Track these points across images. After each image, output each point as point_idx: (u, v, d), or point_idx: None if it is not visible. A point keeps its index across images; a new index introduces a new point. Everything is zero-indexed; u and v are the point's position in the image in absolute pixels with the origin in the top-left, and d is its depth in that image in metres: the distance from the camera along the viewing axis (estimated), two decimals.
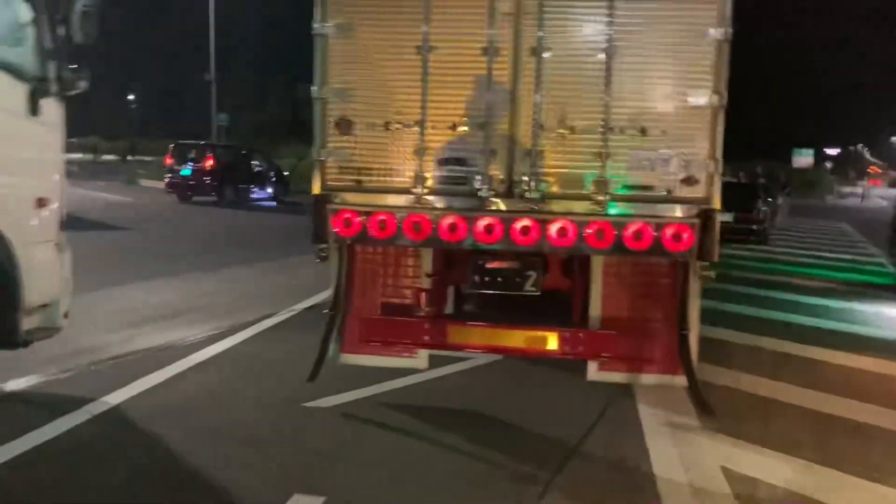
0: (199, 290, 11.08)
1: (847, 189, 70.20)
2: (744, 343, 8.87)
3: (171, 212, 24.82)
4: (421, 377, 6.75)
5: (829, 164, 77.24)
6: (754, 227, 20.68)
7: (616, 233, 5.66)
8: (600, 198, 5.73)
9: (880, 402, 6.81)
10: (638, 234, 5.64)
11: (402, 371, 6.59)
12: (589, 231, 5.67)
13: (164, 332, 8.53)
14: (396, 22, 5.88)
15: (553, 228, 5.69)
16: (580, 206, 5.79)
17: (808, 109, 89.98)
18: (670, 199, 5.75)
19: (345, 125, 6.04)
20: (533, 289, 6.13)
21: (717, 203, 5.72)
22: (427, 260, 6.46)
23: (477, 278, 6.17)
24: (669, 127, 5.71)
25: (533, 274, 6.13)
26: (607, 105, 5.68)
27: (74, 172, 49.98)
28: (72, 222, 6.55)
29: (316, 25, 5.93)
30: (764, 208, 21.10)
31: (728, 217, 20.78)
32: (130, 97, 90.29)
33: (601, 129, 5.71)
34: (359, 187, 6.04)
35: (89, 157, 67.74)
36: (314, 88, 6.01)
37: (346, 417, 6.00)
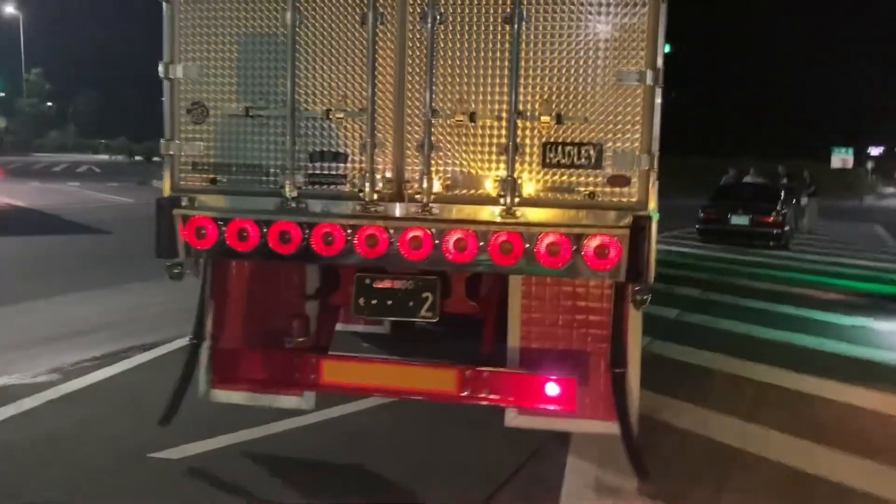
0: (131, 304, 10.03)
1: (890, 189, 67.40)
2: (728, 371, 7.56)
3: None
4: (309, 419, 5.60)
5: (870, 164, 74.51)
6: (774, 231, 19.16)
7: (526, 246, 4.46)
8: (507, 201, 4.53)
9: (883, 456, 5.47)
10: (553, 249, 4.43)
11: (288, 411, 5.43)
12: (493, 243, 4.48)
13: (58, 354, 7.46)
14: None
15: (450, 240, 4.51)
16: (484, 212, 4.60)
17: (849, 106, 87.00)
18: (594, 204, 4.52)
19: (198, 112, 4.92)
20: (429, 314, 4.94)
21: (653, 208, 4.49)
22: (307, 277, 5.32)
23: (362, 301, 5.00)
24: (593, 112, 4.49)
25: (429, 296, 4.94)
26: (516, 85, 4.48)
27: (92, 173, 50.48)
28: (48, 223, 5.54)
29: None
30: (784, 211, 19.55)
31: (744, 220, 19.40)
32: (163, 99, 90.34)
33: (508, 116, 4.52)
34: (216, 188, 4.92)
35: (121, 158, 67.72)
36: (161, 66, 4.90)
37: (192, 474, 4.86)
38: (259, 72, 4.78)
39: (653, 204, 4.48)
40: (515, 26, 4.44)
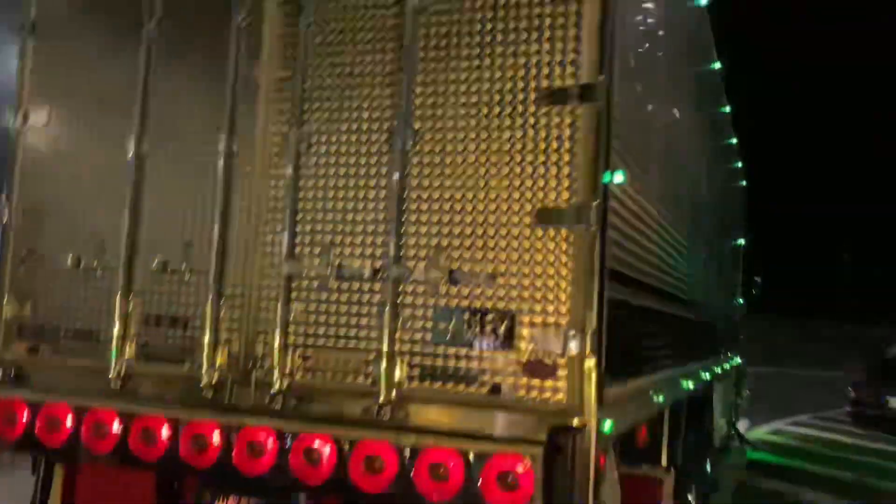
0: None
1: None
2: None
3: None
4: None
5: None
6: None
7: (400, 464, 2.98)
8: (381, 395, 3.10)
9: None
10: (438, 471, 2.92)
11: None
12: (355, 457, 3.03)
13: None
14: (97, 114, 3.77)
15: (300, 449, 3.12)
16: (350, 408, 3.18)
17: None
18: (502, 404, 3.00)
19: (30, 261, 3.88)
20: None
21: (590, 415, 2.90)
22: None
23: None
24: (503, 267, 3.06)
25: None
26: (398, 227, 3.17)
27: None
28: None
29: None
30: None
31: None
32: None
33: (386, 270, 3.17)
34: (35, 360, 3.78)
35: None
36: None
37: None
38: (95, 210, 3.72)
39: (591, 406, 2.90)
40: (400, 148, 3.18)
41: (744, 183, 11.58)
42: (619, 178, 3.07)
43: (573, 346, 2.89)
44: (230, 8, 3.51)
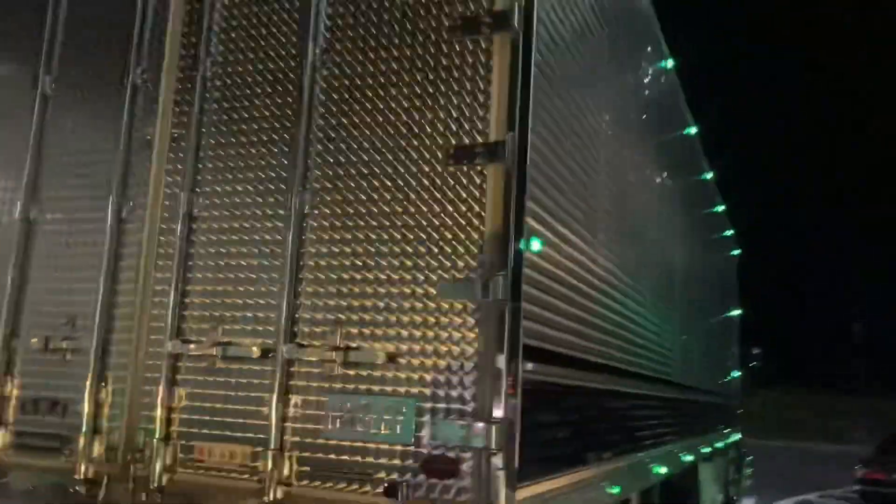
0: None
1: None
2: None
3: None
4: None
5: None
6: None
7: None
8: (269, 498, 2.70)
9: None
10: None
11: None
12: None
13: None
14: None
15: None
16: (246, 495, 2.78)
17: None
18: None
19: None
20: None
21: None
22: None
23: None
24: (405, 342, 2.69)
25: None
26: (290, 296, 2.82)
27: None
28: None
29: None
30: None
31: None
32: None
33: (277, 349, 2.81)
34: None
35: None
36: None
37: None
38: None
39: None
40: (297, 209, 2.86)
41: (737, 252, 11.20)
42: (535, 245, 2.72)
43: (477, 439, 2.49)
44: (126, 63, 3.25)
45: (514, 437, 2.52)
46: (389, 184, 2.77)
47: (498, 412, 2.50)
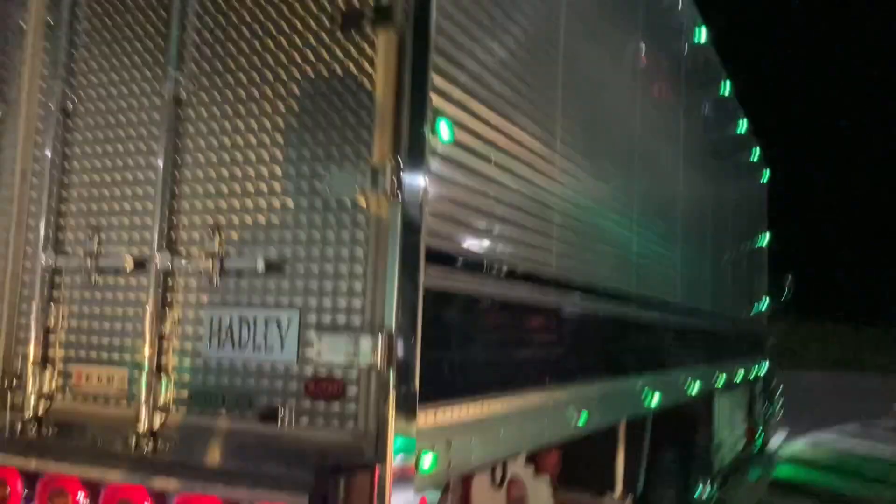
0: None
1: None
2: None
3: None
4: None
5: None
6: None
7: None
8: (142, 423, 2.37)
9: None
10: None
11: None
12: None
13: None
14: None
15: (45, 495, 2.41)
16: (114, 439, 2.45)
17: None
18: (278, 436, 2.23)
19: None
20: None
21: (388, 448, 2.11)
22: None
23: None
24: (288, 246, 2.30)
25: None
26: (164, 199, 2.44)
27: None
28: None
29: None
30: None
31: None
32: None
33: (153, 259, 2.45)
34: None
35: None
36: None
37: None
38: None
39: (391, 439, 2.11)
40: (171, 98, 2.46)
41: (766, 176, 10.52)
42: (443, 129, 2.28)
43: (365, 355, 2.11)
44: None
45: (414, 354, 2.14)
46: (272, 61, 2.35)
47: (390, 324, 2.10)
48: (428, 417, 2.20)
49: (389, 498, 2.04)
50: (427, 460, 2.17)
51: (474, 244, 2.51)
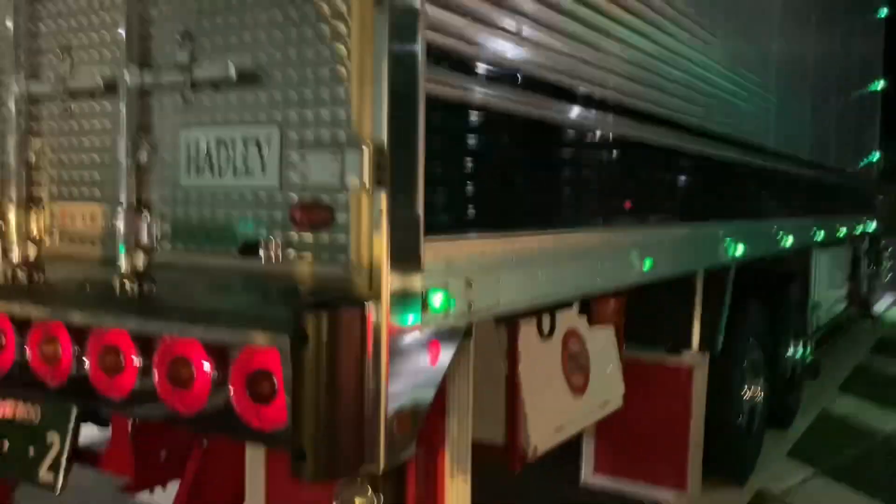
0: None
1: None
2: None
3: None
4: None
5: None
6: None
7: (142, 362, 2.02)
8: (124, 268, 2.11)
9: None
10: (178, 370, 1.94)
11: None
12: (93, 352, 2.10)
13: None
14: None
15: (35, 341, 2.23)
16: (98, 281, 2.22)
17: None
18: (261, 270, 1.93)
19: None
20: (49, 477, 2.56)
21: (383, 283, 1.77)
22: None
23: None
24: (265, 51, 1.92)
25: (55, 442, 2.56)
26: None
27: None
28: None
29: None
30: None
31: None
32: None
33: (123, 74, 2.12)
34: None
35: None
36: None
37: None
38: None
39: (385, 273, 1.77)
40: None
41: (884, 12, 9.31)
42: None
43: (352, 174, 1.75)
44: None
45: (413, 173, 1.77)
46: None
47: (380, 136, 1.73)
48: (438, 251, 1.85)
49: (388, 340, 1.73)
50: (437, 299, 1.84)
51: (500, 47, 2.07)
